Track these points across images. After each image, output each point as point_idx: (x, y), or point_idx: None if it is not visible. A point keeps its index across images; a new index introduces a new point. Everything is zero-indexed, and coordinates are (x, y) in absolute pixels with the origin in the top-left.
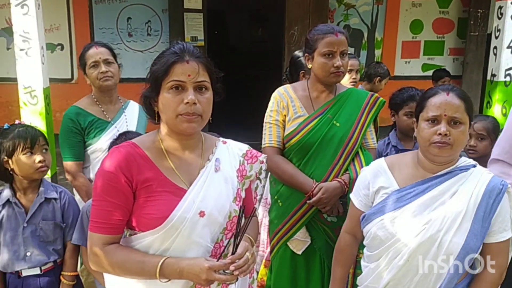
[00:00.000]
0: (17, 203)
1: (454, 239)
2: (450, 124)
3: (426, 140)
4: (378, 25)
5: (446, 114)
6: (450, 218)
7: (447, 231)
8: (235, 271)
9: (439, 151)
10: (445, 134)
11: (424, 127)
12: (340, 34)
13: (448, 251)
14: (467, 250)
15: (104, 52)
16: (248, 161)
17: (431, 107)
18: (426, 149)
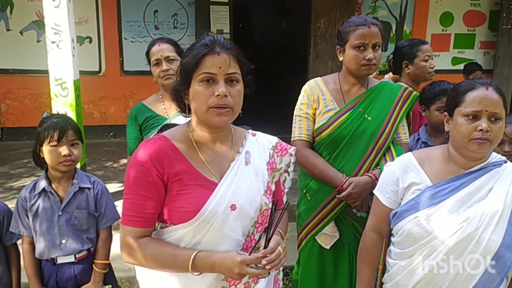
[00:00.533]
0: (52, 192)
1: (492, 236)
2: (490, 120)
3: (465, 136)
4: (407, 17)
5: (487, 109)
6: (488, 215)
7: (486, 229)
8: (267, 265)
9: (479, 147)
10: (486, 130)
11: (462, 123)
12: (373, 26)
13: (486, 249)
14: (505, 248)
15: (166, 49)
16: (278, 154)
17: (471, 102)
18: (464, 145)
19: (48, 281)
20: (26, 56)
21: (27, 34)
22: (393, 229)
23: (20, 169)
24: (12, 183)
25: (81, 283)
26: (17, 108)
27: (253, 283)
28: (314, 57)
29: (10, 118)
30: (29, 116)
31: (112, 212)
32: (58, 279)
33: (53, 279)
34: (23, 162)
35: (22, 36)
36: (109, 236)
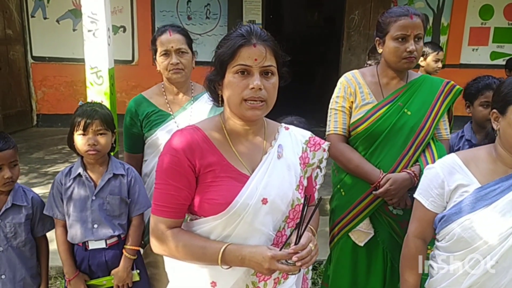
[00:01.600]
0: (87, 177)
1: None
2: None
3: None
4: (444, 9)
5: None
6: None
7: None
8: (297, 262)
9: None
10: None
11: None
12: (415, 17)
13: None
14: None
15: (178, 40)
16: (311, 149)
17: None
18: None
19: (81, 265)
20: (62, 44)
21: (64, 22)
22: (439, 233)
23: (54, 155)
24: (47, 169)
25: (112, 268)
26: (52, 95)
27: (283, 279)
28: (347, 49)
29: (46, 105)
30: (64, 104)
31: (144, 200)
32: (90, 264)
33: (85, 263)
34: (58, 148)
35: (59, 25)
36: (141, 223)
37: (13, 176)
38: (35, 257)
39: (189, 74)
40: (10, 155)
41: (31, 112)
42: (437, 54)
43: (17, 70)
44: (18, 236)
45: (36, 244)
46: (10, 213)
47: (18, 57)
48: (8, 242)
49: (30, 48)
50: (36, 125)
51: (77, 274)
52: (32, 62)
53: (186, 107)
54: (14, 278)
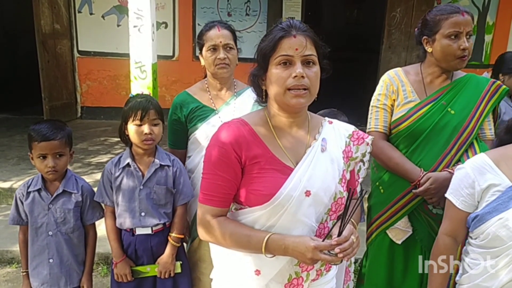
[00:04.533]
0: (135, 167)
1: None
2: None
3: None
4: (490, 8)
5: None
6: None
7: None
8: (339, 253)
9: None
10: None
11: None
12: (466, 14)
13: None
14: None
15: (226, 35)
16: (354, 142)
17: None
18: None
19: (127, 250)
20: (106, 39)
21: (108, 18)
22: (473, 232)
23: (97, 146)
24: (90, 159)
25: (157, 254)
26: (96, 88)
27: (325, 271)
28: (387, 47)
29: (90, 98)
30: (107, 97)
31: (189, 190)
32: (136, 248)
33: (131, 247)
34: (100, 140)
35: (104, 20)
36: (185, 212)
37: (56, 166)
38: (82, 244)
39: (233, 70)
40: (55, 146)
41: (75, 104)
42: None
43: (64, 63)
44: (67, 222)
45: (84, 232)
46: (60, 199)
47: (65, 51)
48: (58, 227)
49: (77, 42)
50: (80, 117)
51: (124, 258)
52: (78, 56)
53: (229, 102)
54: (61, 263)
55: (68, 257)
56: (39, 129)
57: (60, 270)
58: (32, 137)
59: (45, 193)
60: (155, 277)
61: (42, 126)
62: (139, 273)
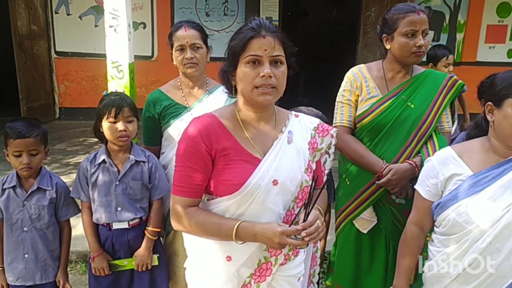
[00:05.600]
0: (111, 163)
1: None
2: None
3: None
4: (461, 7)
5: None
6: None
7: None
8: (306, 237)
9: None
10: None
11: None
12: (421, 13)
13: None
14: None
15: (193, 35)
16: (319, 134)
17: None
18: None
19: (105, 244)
20: (84, 40)
21: (86, 19)
22: (437, 219)
23: (76, 147)
24: (69, 159)
25: (134, 248)
26: (74, 89)
27: (293, 256)
28: (363, 46)
29: (68, 98)
30: (85, 97)
31: (164, 185)
32: (113, 243)
33: (108, 242)
34: (79, 141)
35: (81, 21)
36: (161, 207)
37: (30, 163)
38: (57, 240)
39: (203, 68)
40: (30, 144)
41: (54, 106)
42: (446, 59)
43: (41, 64)
44: (42, 219)
45: (59, 228)
46: (35, 195)
47: (42, 52)
48: (32, 223)
49: (54, 43)
50: (58, 118)
51: (101, 253)
52: (56, 57)
53: (202, 100)
54: (37, 258)
55: (43, 253)
56: (15, 126)
57: (36, 265)
58: (7, 134)
59: (20, 190)
60: (133, 270)
61: (17, 124)
62: (116, 267)
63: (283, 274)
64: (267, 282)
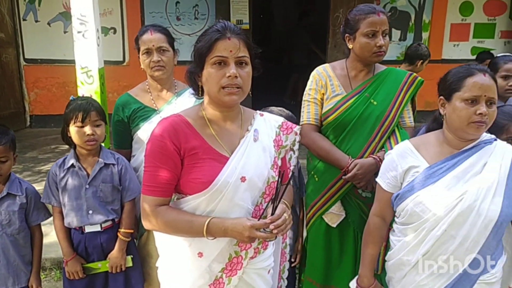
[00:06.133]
0: (80, 167)
1: (491, 207)
2: (487, 104)
3: (465, 119)
4: (426, 7)
5: (486, 95)
6: (484, 188)
7: (484, 200)
8: (274, 230)
9: (477, 130)
10: (484, 114)
11: (462, 107)
12: (381, 14)
13: (487, 218)
14: (504, 217)
15: (159, 39)
16: (284, 132)
17: (471, 88)
18: (462, 128)
19: (78, 248)
20: (53, 47)
21: (54, 25)
22: (396, 210)
23: (48, 154)
24: (41, 167)
25: (107, 250)
26: (45, 96)
27: (262, 249)
28: (333, 46)
29: (38, 106)
30: (56, 104)
31: (135, 186)
32: (86, 246)
33: (81, 245)
34: (51, 148)
35: (50, 27)
36: (133, 208)
37: (0, 171)
38: (29, 245)
39: (170, 71)
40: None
41: (24, 114)
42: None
43: (10, 72)
44: (12, 224)
45: (30, 234)
46: (5, 201)
47: (11, 59)
48: (3, 229)
49: (22, 50)
50: (29, 126)
51: (74, 256)
52: (25, 64)
53: (171, 102)
54: (8, 263)
55: (15, 258)
56: None
57: (7, 270)
58: None
59: None
60: (107, 272)
61: None
62: (90, 270)
63: (253, 267)
64: (238, 275)
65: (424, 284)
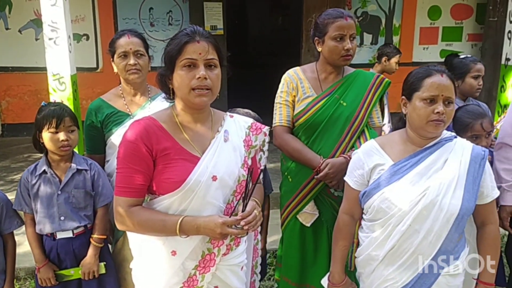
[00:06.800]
0: (52, 174)
1: (452, 201)
2: (444, 103)
3: (424, 118)
4: (396, 11)
5: (443, 94)
6: (445, 183)
7: (445, 195)
8: (245, 226)
9: (435, 128)
10: (442, 113)
11: (421, 106)
12: (349, 18)
13: (449, 212)
14: (464, 211)
15: (136, 43)
16: (253, 133)
17: (429, 88)
18: (422, 126)
19: (50, 254)
20: (25, 54)
21: (26, 32)
22: (364, 207)
23: (20, 163)
24: (13, 176)
25: (80, 257)
26: (17, 104)
27: (235, 246)
28: (306, 50)
29: (10, 114)
30: (28, 112)
31: (108, 191)
32: (58, 252)
33: (53, 252)
34: (24, 157)
35: (21, 35)
36: (106, 213)
37: None
38: (2, 254)
39: (145, 75)
40: None
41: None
42: (399, 57)
43: None
44: None
45: (3, 242)
46: None
47: None
48: None
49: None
50: (1, 135)
51: (46, 263)
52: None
53: (144, 107)
54: None
55: None
56: None
57: None
58: None
59: None
60: (80, 279)
61: None
62: (63, 277)
63: (226, 263)
64: (212, 272)
65: (391, 278)
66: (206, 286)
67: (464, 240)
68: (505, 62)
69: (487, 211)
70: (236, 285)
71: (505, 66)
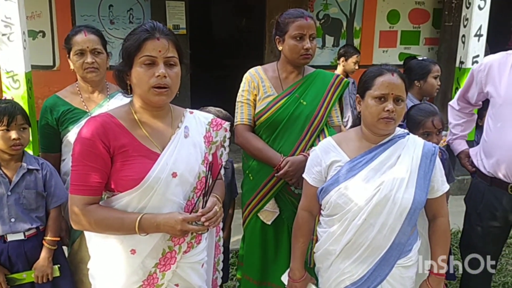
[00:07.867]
0: (1, 174)
1: (405, 195)
2: (395, 101)
3: (375, 115)
4: (356, 14)
5: (393, 93)
6: (399, 178)
7: (398, 189)
8: (205, 222)
9: (386, 125)
10: (392, 111)
11: (373, 104)
12: (309, 19)
13: (402, 206)
14: (416, 205)
15: (94, 40)
16: (214, 128)
17: (380, 86)
18: (373, 123)
19: (0, 257)
20: None
21: None
22: (322, 203)
23: None
24: None
25: (32, 260)
26: None
27: (196, 243)
28: (269, 52)
29: None
30: None
31: (62, 192)
32: (9, 255)
33: (4, 255)
34: None
35: None
36: (59, 215)
37: None
38: None
39: (104, 73)
40: None
41: None
42: (357, 57)
43: None
44: None
45: None
46: None
47: None
48: None
49: None
50: None
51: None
52: None
53: (102, 105)
54: None
55: None
56: None
57: None
58: None
59: None
60: (33, 283)
61: None
62: (15, 281)
63: (187, 261)
64: (172, 270)
65: (348, 271)
66: (167, 284)
67: (416, 233)
68: (459, 65)
69: (438, 204)
70: (197, 283)
71: (459, 69)
